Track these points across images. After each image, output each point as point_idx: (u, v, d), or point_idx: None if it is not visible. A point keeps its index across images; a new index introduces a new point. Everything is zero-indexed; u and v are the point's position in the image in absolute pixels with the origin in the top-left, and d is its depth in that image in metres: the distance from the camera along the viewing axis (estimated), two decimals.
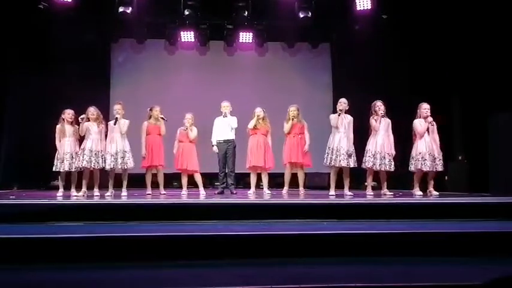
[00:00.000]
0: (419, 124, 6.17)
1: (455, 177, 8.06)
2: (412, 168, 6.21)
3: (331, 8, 9.18)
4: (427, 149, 6.06)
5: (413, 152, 6.20)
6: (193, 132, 6.82)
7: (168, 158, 6.97)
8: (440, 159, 6.09)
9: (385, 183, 6.31)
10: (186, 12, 8.95)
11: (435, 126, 6.20)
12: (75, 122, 6.24)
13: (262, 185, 6.96)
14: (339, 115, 6.15)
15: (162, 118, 6.86)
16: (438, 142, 6.18)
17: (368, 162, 6.15)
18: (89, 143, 6.05)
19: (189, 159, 6.75)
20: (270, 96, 9.44)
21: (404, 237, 3.77)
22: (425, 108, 6.19)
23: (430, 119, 6.12)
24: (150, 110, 6.90)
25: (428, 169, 6.07)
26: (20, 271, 3.17)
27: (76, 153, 6.15)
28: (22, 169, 8.61)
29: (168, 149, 6.98)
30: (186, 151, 6.78)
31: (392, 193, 6.20)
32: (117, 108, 6.26)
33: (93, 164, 6.00)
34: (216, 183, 7.72)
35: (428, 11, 8.43)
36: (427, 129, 6.12)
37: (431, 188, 6.22)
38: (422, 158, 6.07)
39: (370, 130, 6.27)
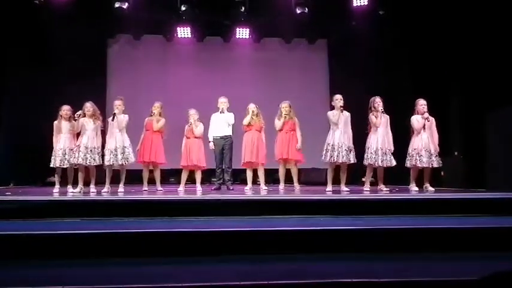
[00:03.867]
0: (416, 120, 6.21)
1: (451, 173, 8.08)
2: (407, 164, 6.24)
3: (328, 4, 9.18)
4: (422, 145, 6.10)
5: (410, 148, 6.24)
6: (199, 128, 6.82)
7: (166, 154, 6.96)
8: (436, 156, 6.12)
9: (382, 179, 6.33)
10: (183, 8, 8.96)
11: (433, 123, 6.21)
12: (73, 118, 6.21)
13: (259, 181, 6.97)
14: (341, 111, 6.13)
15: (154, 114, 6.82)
16: (436, 138, 6.20)
17: (370, 159, 6.16)
18: (84, 140, 6.01)
19: (197, 155, 6.75)
20: (266, 92, 9.43)
21: (401, 232, 3.78)
22: (421, 104, 6.21)
23: (426, 115, 6.14)
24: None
25: (424, 165, 6.09)
26: (14, 267, 3.16)
27: (71, 149, 6.11)
28: (19, 166, 8.59)
29: (167, 145, 6.96)
30: (193, 147, 6.78)
31: (388, 189, 6.21)
32: (117, 104, 6.25)
33: (88, 161, 5.96)
34: (213, 179, 7.72)
35: (426, 6, 8.43)
36: (424, 125, 6.13)
37: (427, 184, 6.24)
38: (417, 154, 6.11)
39: (369, 126, 6.27)
